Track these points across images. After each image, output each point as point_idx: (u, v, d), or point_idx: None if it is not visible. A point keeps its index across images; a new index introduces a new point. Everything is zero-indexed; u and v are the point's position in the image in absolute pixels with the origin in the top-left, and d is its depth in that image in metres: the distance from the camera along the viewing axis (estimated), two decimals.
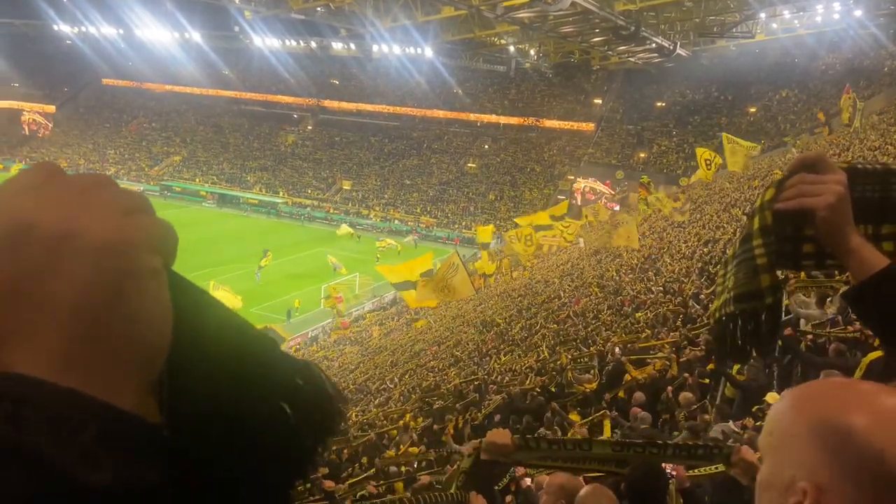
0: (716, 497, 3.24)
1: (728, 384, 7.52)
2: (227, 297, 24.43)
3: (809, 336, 7.20)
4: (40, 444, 0.35)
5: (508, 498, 4.87)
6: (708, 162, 30.25)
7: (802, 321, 7.89)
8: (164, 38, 66.92)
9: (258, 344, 0.50)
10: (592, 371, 11.02)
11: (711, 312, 1.28)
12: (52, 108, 71.88)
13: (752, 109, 50.84)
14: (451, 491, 2.51)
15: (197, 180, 60.71)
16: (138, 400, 0.41)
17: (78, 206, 0.41)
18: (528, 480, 4.84)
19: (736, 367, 7.26)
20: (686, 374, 8.49)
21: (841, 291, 7.32)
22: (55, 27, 72.80)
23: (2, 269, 0.39)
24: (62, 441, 0.35)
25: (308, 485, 7.17)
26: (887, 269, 1.01)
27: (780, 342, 6.67)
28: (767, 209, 1.12)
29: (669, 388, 8.08)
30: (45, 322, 0.38)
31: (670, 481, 3.31)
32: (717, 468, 3.12)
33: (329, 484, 6.89)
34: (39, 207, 0.41)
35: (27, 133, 70.51)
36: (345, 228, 43.41)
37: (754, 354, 1.19)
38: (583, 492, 2.78)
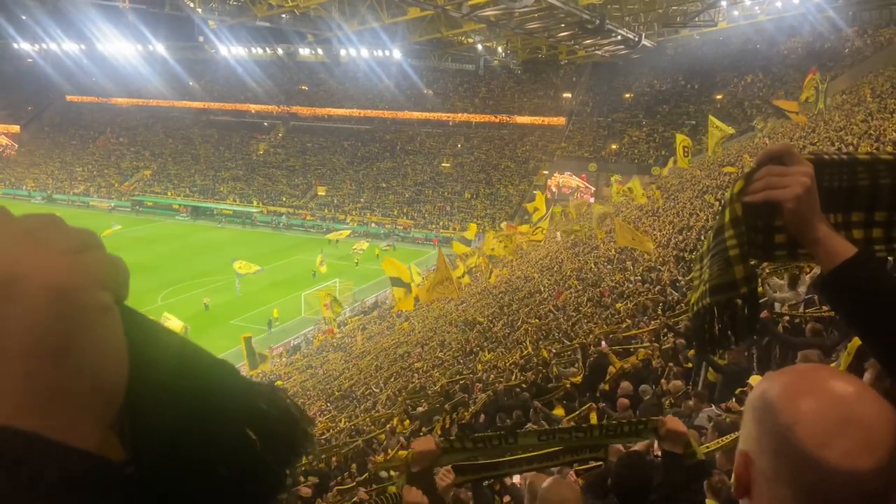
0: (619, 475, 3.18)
1: (710, 369, 7.61)
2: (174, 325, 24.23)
3: (786, 318, 7.31)
4: (1, 489, 0.35)
5: (507, 498, 4.86)
6: (686, 150, 30.74)
7: (777, 304, 8.01)
8: (127, 51, 65.88)
9: (217, 371, 0.49)
10: (577, 364, 11.10)
11: (689, 305, 1.30)
12: (16, 128, 70.55)
13: (719, 96, 51.56)
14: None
15: (169, 194, 59.93)
16: (100, 438, 0.40)
17: (23, 248, 0.40)
18: (516, 478, 4.82)
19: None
20: (671, 364, 8.59)
21: (810, 275, 7.47)
22: (15, 46, 71.43)
23: None
24: (24, 485, 0.35)
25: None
26: (854, 257, 1.03)
27: (757, 325, 6.75)
28: (737, 201, 1.14)
29: (663, 380, 8.17)
30: None
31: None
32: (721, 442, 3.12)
33: (305, 491, 6.84)
34: None
35: None
36: (335, 235, 43.12)
37: (733, 344, 1.22)
38: (545, 484, 2.77)
